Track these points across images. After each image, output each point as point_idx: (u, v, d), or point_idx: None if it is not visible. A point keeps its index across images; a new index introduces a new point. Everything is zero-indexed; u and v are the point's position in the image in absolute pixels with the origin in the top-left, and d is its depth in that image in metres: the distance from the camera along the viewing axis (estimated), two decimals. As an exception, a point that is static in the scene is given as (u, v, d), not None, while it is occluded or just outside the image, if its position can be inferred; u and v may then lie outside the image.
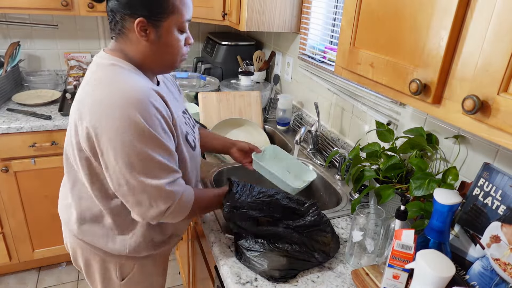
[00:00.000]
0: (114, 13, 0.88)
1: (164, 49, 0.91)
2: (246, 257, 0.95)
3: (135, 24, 0.86)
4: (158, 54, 0.91)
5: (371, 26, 0.85)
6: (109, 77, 0.87)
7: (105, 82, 0.86)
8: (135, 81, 0.86)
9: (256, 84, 2.09)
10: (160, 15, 0.86)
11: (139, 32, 0.87)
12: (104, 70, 0.89)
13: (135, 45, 0.90)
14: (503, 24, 0.56)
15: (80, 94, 0.90)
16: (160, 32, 0.88)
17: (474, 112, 0.60)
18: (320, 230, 0.96)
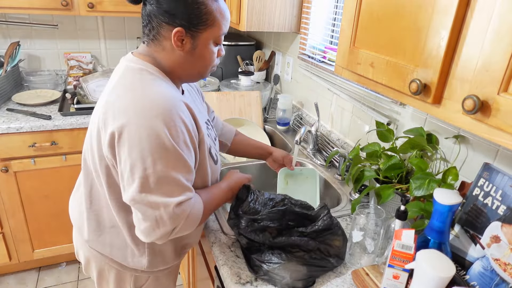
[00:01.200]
0: (151, 18, 0.85)
1: (198, 60, 0.89)
2: (265, 270, 0.89)
3: (172, 33, 0.84)
4: (191, 64, 0.89)
5: (371, 26, 0.85)
6: (138, 83, 0.84)
7: (134, 88, 0.83)
8: (164, 90, 0.83)
9: (256, 84, 2.09)
10: (199, 26, 0.85)
11: (176, 42, 0.85)
12: (133, 75, 0.86)
13: (168, 53, 0.87)
14: (503, 24, 0.56)
15: (106, 98, 0.86)
16: (197, 43, 0.87)
17: (474, 112, 0.60)
18: (332, 233, 0.94)
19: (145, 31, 0.89)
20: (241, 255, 0.99)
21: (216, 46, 0.91)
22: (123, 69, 0.89)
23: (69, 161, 1.91)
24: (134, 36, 2.41)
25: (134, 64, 0.87)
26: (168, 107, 0.80)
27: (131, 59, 0.89)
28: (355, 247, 0.96)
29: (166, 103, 0.80)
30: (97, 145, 0.87)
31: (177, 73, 0.91)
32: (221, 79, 2.22)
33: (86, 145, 0.95)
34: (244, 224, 0.93)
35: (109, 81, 0.93)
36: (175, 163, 0.81)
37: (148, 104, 0.79)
